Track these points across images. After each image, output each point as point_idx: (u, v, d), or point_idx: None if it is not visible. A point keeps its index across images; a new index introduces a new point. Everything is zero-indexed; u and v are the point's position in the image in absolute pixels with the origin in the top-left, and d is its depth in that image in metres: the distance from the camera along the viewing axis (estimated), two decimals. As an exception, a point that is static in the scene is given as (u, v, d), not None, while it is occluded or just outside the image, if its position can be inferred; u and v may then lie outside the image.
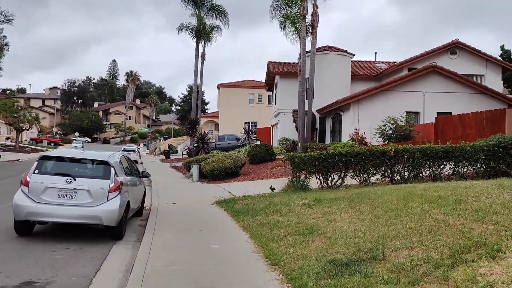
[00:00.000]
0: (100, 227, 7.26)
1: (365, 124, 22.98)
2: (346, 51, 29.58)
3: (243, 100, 52.91)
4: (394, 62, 33.18)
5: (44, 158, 7.48)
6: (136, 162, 37.67)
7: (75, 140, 72.62)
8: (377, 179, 11.96)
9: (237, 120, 51.20)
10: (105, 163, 7.40)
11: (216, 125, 60.77)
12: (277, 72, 31.42)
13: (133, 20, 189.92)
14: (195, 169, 19.98)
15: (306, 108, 27.41)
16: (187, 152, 41.19)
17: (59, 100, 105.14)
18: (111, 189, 7.14)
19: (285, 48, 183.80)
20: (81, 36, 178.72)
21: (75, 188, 7.01)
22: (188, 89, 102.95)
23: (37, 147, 58.31)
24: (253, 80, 56.39)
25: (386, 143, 20.06)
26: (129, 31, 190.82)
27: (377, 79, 30.65)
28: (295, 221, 7.49)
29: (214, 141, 36.33)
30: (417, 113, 23.52)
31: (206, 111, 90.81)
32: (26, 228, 7.39)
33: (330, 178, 11.81)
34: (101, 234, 7.70)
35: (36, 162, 7.33)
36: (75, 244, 7.24)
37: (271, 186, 13.33)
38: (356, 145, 20.16)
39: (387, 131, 20.30)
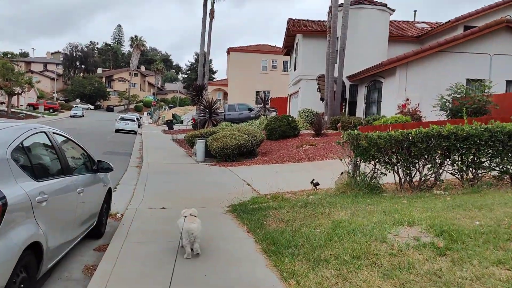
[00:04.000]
0: None
1: (414, 94, 18.23)
2: (385, 5, 24.41)
3: (255, 66, 47.78)
4: (437, 23, 27.98)
5: None
6: (135, 133, 33.32)
7: (76, 106, 68.41)
8: (493, 177, 7.41)
9: (248, 88, 46.43)
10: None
11: (225, 94, 55.89)
12: (300, 30, 26.32)
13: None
14: (199, 146, 15.49)
15: (336, 74, 22.62)
16: (191, 122, 36.76)
17: (61, 65, 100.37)
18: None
19: (299, 13, 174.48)
20: (87, 1, 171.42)
21: None
22: (195, 57, 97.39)
23: (33, 113, 54.33)
24: (266, 45, 51.04)
25: (449, 119, 15.37)
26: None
27: (420, 42, 25.57)
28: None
29: (223, 111, 31.69)
30: (481, 81, 18.63)
31: (214, 79, 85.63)
32: None
33: (417, 174, 7.28)
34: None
35: None
36: None
37: (313, 180, 8.87)
38: (410, 121, 15.54)
39: (451, 102, 15.52)
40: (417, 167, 7.19)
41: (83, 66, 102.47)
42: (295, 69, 29.40)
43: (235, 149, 14.74)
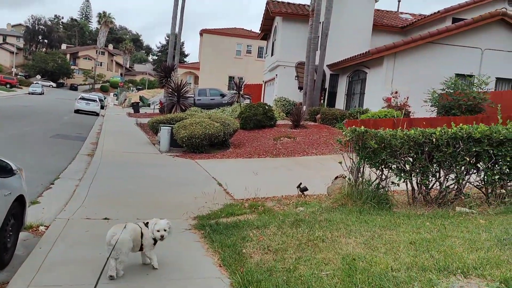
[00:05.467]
0: None
1: (403, 87, 16.90)
2: (372, -9, 22.95)
3: (229, 50, 45.55)
4: (421, 14, 26.93)
5: None
6: (96, 114, 30.72)
7: (36, 83, 63.77)
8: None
9: (220, 73, 44.26)
10: None
11: (196, 78, 53.48)
12: (280, 12, 24.50)
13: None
14: (164, 133, 13.53)
15: (317, 62, 21.05)
16: (159, 106, 34.48)
17: (22, 38, 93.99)
18: None
19: None
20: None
21: None
22: (166, 38, 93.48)
23: (-14, 89, 50.19)
24: (241, 29, 48.85)
25: (441, 115, 14.15)
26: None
27: (404, 33, 24.34)
28: None
29: (193, 95, 29.59)
30: (470, 77, 17.54)
31: (185, 62, 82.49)
32: None
33: (435, 184, 5.78)
34: None
35: None
36: None
37: (300, 184, 7.24)
38: (401, 116, 14.18)
39: (441, 97, 14.26)
40: (437, 176, 5.68)
41: (46, 41, 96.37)
42: (272, 55, 27.63)
43: (205, 139, 12.91)
